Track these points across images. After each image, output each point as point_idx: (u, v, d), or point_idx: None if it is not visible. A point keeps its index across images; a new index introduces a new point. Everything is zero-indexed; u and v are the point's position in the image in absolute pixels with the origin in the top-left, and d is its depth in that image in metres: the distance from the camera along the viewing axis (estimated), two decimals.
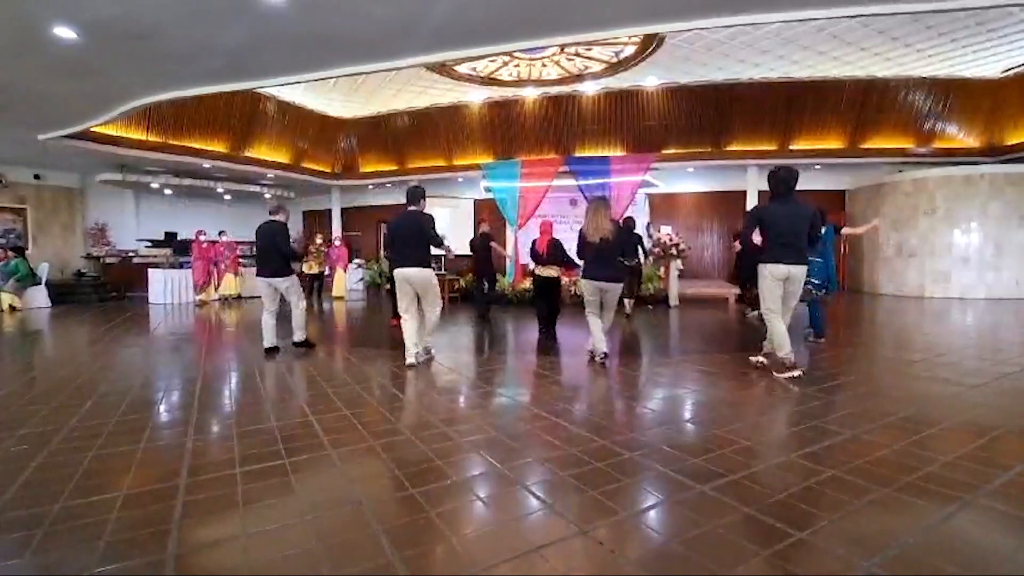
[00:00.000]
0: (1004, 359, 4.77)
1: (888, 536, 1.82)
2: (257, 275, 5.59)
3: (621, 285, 4.93)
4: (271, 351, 5.36)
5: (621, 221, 7.69)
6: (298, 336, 5.56)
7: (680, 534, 1.87)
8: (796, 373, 4.09)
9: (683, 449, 2.66)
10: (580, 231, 4.92)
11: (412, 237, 4.77)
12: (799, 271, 4.17)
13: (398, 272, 4.80)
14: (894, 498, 2.10)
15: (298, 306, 5.55)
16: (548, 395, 3.89)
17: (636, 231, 7.96)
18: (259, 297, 5.75)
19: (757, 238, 4.25)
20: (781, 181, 4.20)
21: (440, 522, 1.96)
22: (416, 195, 4.89)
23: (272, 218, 5.47)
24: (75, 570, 1.69)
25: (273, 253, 5.37)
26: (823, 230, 5.50)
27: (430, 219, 4.86)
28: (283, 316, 5.55)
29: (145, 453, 2.69)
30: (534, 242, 6.48)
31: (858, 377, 4.22)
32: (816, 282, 5.41)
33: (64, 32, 5.13)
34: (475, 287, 8.75)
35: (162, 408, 3.58)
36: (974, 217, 10.54)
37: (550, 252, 6.27)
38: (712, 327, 7.37)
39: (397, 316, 5.49)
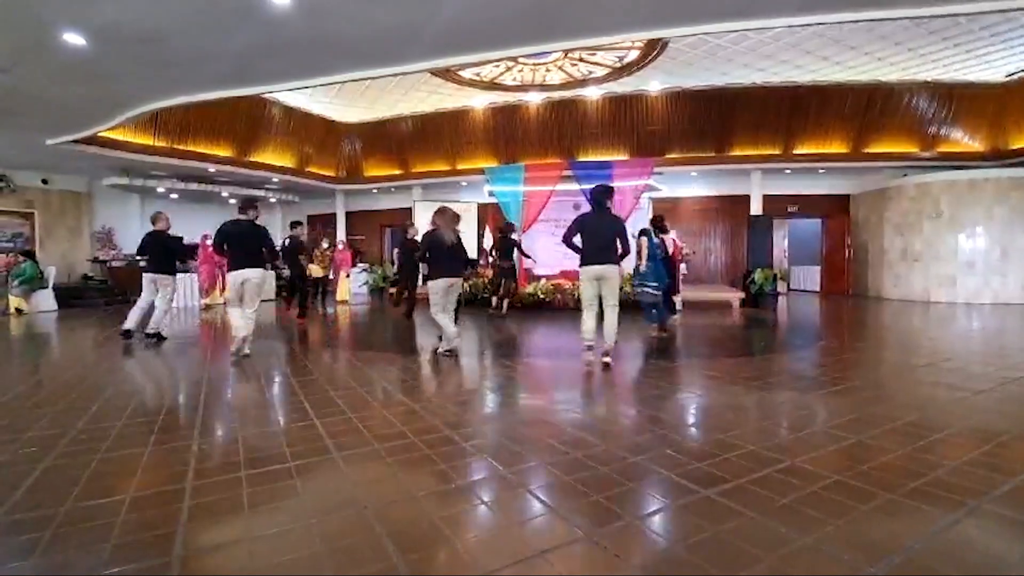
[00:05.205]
0: (1010, 364, 4.75)
1: (894, 541, 1.82)
2: (144, 271, 6.61)
3: (460, 280, 5.55)
4: (126, 333, 6.40)
5: (504, 225, 9.03)
6: (150, 328, 6.39)
7: (685, 538, 1.87)
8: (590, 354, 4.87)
9: (687, 453, 2.66)
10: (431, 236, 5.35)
11: (250, 243, 5.43)
12: (609, 270, 4.80)
13: (239, 273, 5.32)
14: (900, 503, 2.09)
15: (164, 303, 6.56)
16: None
17: (513, 236, 8.86)
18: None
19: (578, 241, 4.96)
20: (598, 195, 5.01)
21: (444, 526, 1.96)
22: (248, 203, 5.68)
23: (158, 228, 6.57)
24: (82, 572, 1.70)
25: (163, 257, 6.55)
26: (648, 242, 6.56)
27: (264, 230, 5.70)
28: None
29: (151, 456, 2.70)
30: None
31: (863, 382, 4.21)
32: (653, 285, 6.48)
33: (73, 38, 5.19)
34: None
35: (168, 411, 3.60)
36: (979, 221, 10.50)
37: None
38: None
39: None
